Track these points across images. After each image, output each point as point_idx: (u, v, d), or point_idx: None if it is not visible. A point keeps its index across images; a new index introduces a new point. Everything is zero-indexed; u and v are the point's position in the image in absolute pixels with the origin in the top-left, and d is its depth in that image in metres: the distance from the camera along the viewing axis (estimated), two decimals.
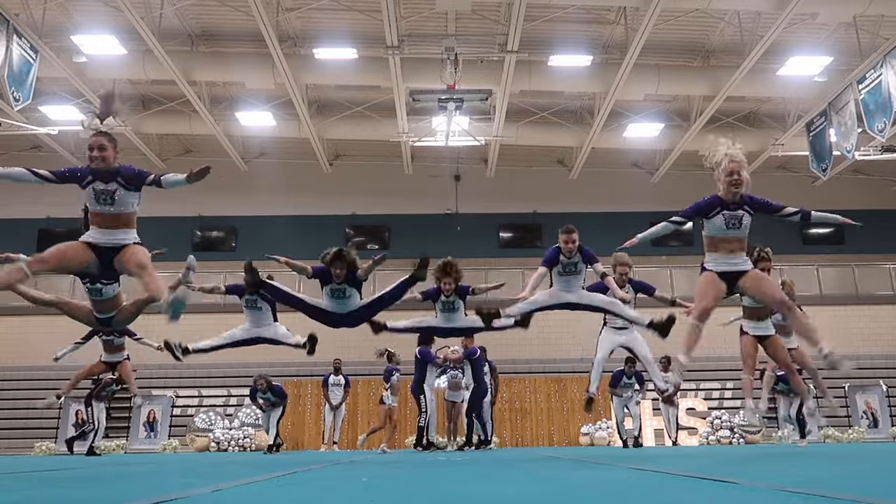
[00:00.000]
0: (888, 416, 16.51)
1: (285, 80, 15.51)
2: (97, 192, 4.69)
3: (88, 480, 4.07)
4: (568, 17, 14.89)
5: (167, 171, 4.98)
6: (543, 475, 4.12)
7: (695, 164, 20.46)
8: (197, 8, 15.19)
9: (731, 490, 2.90)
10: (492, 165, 20.01)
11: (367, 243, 21.05)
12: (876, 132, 13.84)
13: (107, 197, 4.67)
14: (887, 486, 3.08)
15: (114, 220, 4.78)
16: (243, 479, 4.11)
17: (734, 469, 4.33)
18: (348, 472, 4.93)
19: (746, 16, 14.78)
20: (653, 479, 3.77)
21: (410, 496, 2.87)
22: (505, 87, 15.67)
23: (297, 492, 3.32)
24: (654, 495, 2.84)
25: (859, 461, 5.48)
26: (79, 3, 14.74)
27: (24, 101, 13.70)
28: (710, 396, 16.75)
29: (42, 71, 14.38)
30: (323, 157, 19.75)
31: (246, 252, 20.44)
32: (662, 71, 16.01)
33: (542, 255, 7.40)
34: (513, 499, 2.72)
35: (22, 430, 16.36)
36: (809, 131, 16.79)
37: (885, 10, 13.66)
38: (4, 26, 12.74)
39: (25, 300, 5.94)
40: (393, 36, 13.90)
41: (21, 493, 3.39)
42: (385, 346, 10.83)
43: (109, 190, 4.70)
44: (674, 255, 19.79)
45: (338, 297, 7.21)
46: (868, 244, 20.06)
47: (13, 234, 19.94)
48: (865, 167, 19.97)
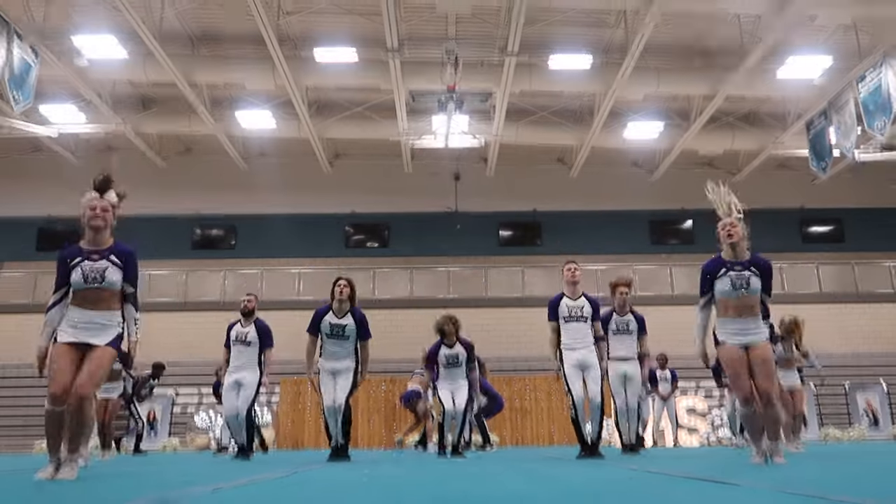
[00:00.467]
0: (889, 415, 16.52)
1: (285, 82, 15.49)
2: (85, 272, 4.34)
3: (88, 480, 4.07)
4: (568, 20, 14.87)
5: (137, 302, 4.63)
6: (543, 475, 4.12)
7: (694, 163, 20.48)
8: (197, 10, 15.17)
9: (733, 492, 2.90)
10: (492, 164, 20.00)
11: (367, 241, 21.08)
12: (876, 131, 13.83)
13: (97, 276, 4.46)
14: (887, 487, 3.08)
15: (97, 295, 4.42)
16: (243, 479, 4.11)
17: (735, 470, 4.33)
18: (348, 471, 4.93)
19: (746, 18, 14.77)
20: (653, 480, 3.77)
21: (410, 496, 2.87)
22: (505, 89, 15.65)
23: (297, 492, 3.32)
24: (654, 496, 2.84)
25: (859, 462, 5.48)
26: (79, 5, 14.71)
27: (24, 103, 13.68)
28: (711, 395, 16.75)
29: (42, 72, 14.36)
30: (323, 156, 19.74)
31: (246, 250, 20.58)
32: (662, 71, 15.98)
33: (542, 254, 7.42)
34: (513, 499, 2.72)
35: (22, 430, 16.36)
36: (809, 130, 16.78)
37: (884, 12, 13.64)
38: (5, 28, 12.71)
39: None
40: (393, 39, 13.88)
41: (21, 493, 3.39)
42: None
43: (100, 269, 4.48)
44: (674, 254, 19.79)
45: (337, 334, 7.33)
46: (868, 242, 20.07)
47: (13, 233, 19.98)
48: (865, 166, 19.95)
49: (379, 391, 16.38)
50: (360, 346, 7.44)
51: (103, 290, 4.39)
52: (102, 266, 4.38)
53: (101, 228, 4.41)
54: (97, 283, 4.36)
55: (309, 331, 7.46)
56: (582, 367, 7.13)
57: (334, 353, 7.39)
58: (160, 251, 19.66)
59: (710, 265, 5.21)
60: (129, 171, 21.09)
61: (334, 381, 7.33)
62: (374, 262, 19.51)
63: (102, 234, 4.44)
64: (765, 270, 5.06)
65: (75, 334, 4.32)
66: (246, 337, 8.24)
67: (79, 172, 20.55)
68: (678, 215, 20.29)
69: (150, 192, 20.37)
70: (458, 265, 19.63)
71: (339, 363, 7.37)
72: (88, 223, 4.42)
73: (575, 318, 7.22)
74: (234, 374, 8.19)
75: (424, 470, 5.02)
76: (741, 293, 5.00)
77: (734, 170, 20.45)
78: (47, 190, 20.06)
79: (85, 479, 4.07)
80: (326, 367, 7.39)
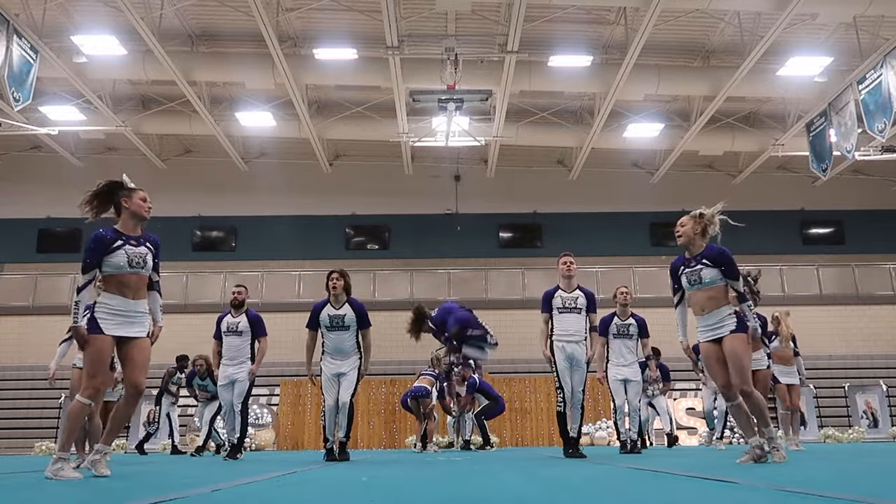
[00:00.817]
0: (888, 416, 16.52)
1: (285, 81, 15.50)
2: (130, 256, 4.43)
3: (88, 480, 4.07)
4: (568, 17, 14.88)
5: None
6: (543, 475, 4.12)
7: (695, 164, 20.50)
8: (197, 8, 15.18)
9: (732, 490, 2.90)
10: (492, 165, 20.01)
11: (367, 243, 21.08)
12: (876, 132, 13.83)
13: (140, 260, 4.49)
14: (886, 486, 3.08)
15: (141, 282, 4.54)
16: (243, 479, 4.11)
17: (734, 469, 4.33)
18: (348, 471, 4.93)
19: (746, 16, 14.77)
20: (653, 478, 3.77)
21: (410, 496, 2.87)
22: (505, 88, 15.66)
23: (297, 492, 3.32)
24: (655, 495, 2.84)
25: (859, 461, 5.49)
26: (79, 4, 14.74)
27: (24, 102, 13.69)
28: None
29: (42, 71, 14.37)
30: (323, 157, 19.75)
31: (246, 252, 20.58)
32: (662, 71, 16.00)
33: (543, 255, 7.51)
34: (513, 499, 2.72)
35: (22, 430, 16.36)
36: (809, 131, 16.78)
37: (884, 11, 13.66)
38: (4, 26, 12.72)
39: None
40: (393, 36, 13.90)
41: (21, 494, 3.39)
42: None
43: (142, 253, 4.53)
44: (673, 256, 19.76)
45: (337, 325, 7.27)
46: (868, 244, 20.07)
47: (13, 233, 19.98)
48: (865, 167, 19.97)
49: (379, 392, 16.37)
50: (362, 336, 7.36)
51: (142, 276, 4.52)
52: (143, 251, 4.52)
53: (146, 220, 4.64)
54: (140, 267, 4.48)
55: (308, 326, 7.42)
56: (570, 361, 7.19)
57: (337, 348, 7.27)
58: (160, 253, 19.67)
59: (673, 264, 5.44)
60: (129, 172, 20.97)
61: (337, 382, 7.29)
62: (374, 263, 19.50)
63: (143, 225, 4.64)
64: (718, 258, 5.13)
65: (122, 327, 4.38)
66: (237, 327, 8.31)
67: (79, 173, 20.57)
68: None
69: (150, 194, 20.27)
70: (459, 267, 19.63)
71: (342, 362, 7.27)
72: (140, 213, 4.61)
73: (569, 309, 7.28)
74: (228, 366, 8.26)
75: (425, 470, 5.02)
76: (696, 287, 5.16)
77: (734, 171, 20.47)
78: (47, 191, 20.07)
79: (85, 479, 4.07)
80: (329, 371, 7.27)
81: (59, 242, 20.23)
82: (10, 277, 19.35)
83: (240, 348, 8.25)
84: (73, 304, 4.36)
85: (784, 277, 18.68)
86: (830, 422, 16.21)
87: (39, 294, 18.70)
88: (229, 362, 8.26)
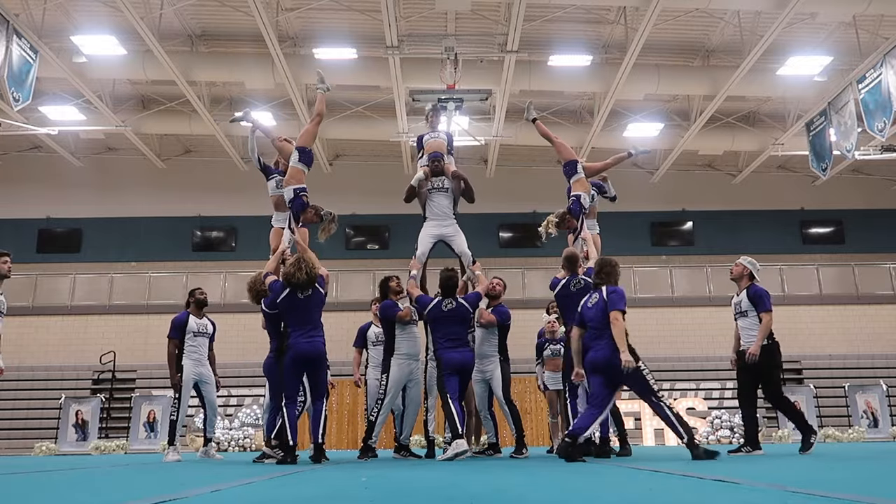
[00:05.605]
0: (888, 416, 16.50)
1: (285, 80, 15.50)
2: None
3: (88, 480, 4.06)
4: (568, 16, 14.89)
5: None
6: (544, 475, 4.12)
7: (695, 164, 20.49)
8: (196, 8, 15.18)
9: (733, 490, 2.90)
10: (491, 165, 20.00)
11: (367, 243, 21.07)
12: (876, 132, 13.82)
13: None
14: (886, 486, 3.08)
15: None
16: (243, 479, 4.11)
17: (735, 469, 4.33)
18: (348, 471, 4.92)
19: (746, 15, 14.78)
20: (653, 478, 3.77)
21: (410, 496, 2.86)
22: (505, 87, 15.66)
23: (297, 492, 3.32)
24: (655, 495, 2.84)
25: (859, 461, 5.48)
26: (79, 4, 14.73)
27: (23, 102, 13.68)
28: (710, 396, 16.73)
29: (42, 71, 14.36)
30: (323, 157, 19.75)
31: (246, 252, 20.55)
32: (662, 71, 16.00)
33: (543, 255, 7.49)
34: (513, 499, 2.72)
35: (22, 430, 16.36)
36: (809, 131, 16.77)
37: (884, 10, 13.66)
38: (4, 26, 12.71)
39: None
40: (393, 36, 13.90)
41: (21, 494, 3.38)
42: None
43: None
44: (673, 255, 19.77)
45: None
46: (868, 243, 20.07)
47: (13, 234, 19.95)
48: (865, 166, 19.96)
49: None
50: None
51: None
52: None
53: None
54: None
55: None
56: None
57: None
58: (161, 253, 19.64)
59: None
60: (129, 172, 21.13)
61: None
62: (374, 263, 19.49)
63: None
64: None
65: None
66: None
67: (79, 173, 20.58)
68: (679, 216, 20.28)
69: (150, 194, 20.41)
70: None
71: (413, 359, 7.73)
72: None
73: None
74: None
75: (424, 470, 5.02)
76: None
77: (734, 171, 20.46)
78: (47, 191, 20.05)
79: (85, 480, 4.07)
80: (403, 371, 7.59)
81: (59, 242, 20.23)
82: (10, 278, 19.31)
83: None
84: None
85: (784, 277, 18.66)
86: (830, 422, 16.20)
87: (39, 294, 18.69)
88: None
